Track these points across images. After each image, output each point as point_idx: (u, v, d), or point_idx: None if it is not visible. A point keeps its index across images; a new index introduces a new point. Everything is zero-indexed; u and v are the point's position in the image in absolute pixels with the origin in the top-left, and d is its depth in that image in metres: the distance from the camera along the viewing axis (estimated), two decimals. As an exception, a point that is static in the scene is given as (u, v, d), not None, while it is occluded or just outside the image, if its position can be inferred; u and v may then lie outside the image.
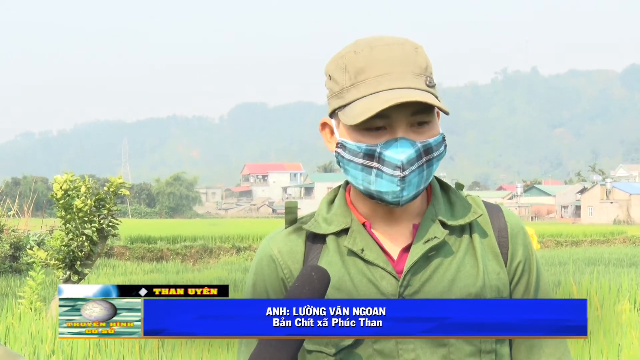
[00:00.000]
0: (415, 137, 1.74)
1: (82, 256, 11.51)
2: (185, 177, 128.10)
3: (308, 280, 1.63)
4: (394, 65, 1.74)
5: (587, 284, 12.40)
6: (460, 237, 1.82)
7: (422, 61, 1.77)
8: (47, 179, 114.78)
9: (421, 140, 1.74)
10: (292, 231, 1.85)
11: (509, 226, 1.86)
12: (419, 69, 1.76)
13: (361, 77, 1.75)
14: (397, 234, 1.82)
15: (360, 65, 1.76)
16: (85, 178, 11.81)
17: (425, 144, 1.74)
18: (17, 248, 23.15)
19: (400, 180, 1.72)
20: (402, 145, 1.72)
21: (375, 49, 1.76)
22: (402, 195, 1.74)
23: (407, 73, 1.74)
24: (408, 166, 1.72)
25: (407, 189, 1.74)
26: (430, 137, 1.76)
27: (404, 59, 1.75)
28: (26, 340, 8.54)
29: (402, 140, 1.73)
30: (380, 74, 1.74)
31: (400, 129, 1.74)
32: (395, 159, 1.72)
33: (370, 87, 1.74)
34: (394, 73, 1.74)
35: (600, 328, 8.79)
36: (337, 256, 1.80)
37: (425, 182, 1.77)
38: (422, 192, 1.85)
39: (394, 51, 1.76)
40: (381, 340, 1.74)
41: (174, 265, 28.57)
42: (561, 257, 29.14)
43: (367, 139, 1.75)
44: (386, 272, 1.77)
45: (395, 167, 1.72)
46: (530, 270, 1.85)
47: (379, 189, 1.75)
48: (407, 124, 1.74)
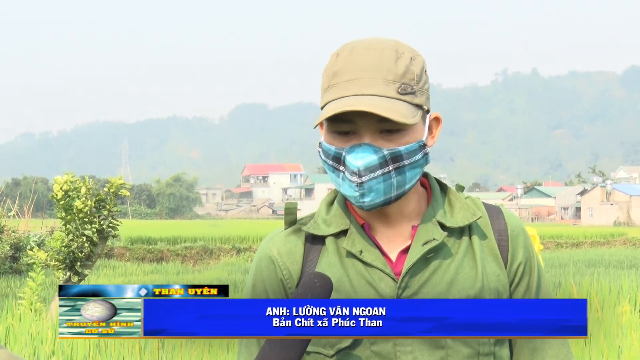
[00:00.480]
0: (383, 144, 1.73)
1: (83, 257, 11.51)
2: (186, 178, 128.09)
3: (311, 287, 1.63)
4: (365, 71, 1.74)
5: (587, 285, 12.40)
6: (460, 239, 1.82)
7: (400, 68, 1.74)
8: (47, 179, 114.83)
9: (389, 147, 1.73)
10: (292, 232, 1.85)
11: (509, 228, 1.85)
12: (392, 76, 1.73)
13: (334, 81, 1.76)
14: (395, 235, 1.82)
15: (336, 68, 1.76)
16: (85, 179, 11.81)
17: (393, 151, 1.72)
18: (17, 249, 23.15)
19: (357, 186, 1.73)
20: (363, 152, 1.72)
21: (353, 53, 1.76)
22: (362, 200, 1.74)
23: (377, 79, 1.73)
24: (366, 172, 1.71)
25: (368, 195, 1.73)
26: (402, 144, 1.74)
27: (378, 64, 1.74)
28: (26, 341, 8.54)
29: (365, 146, 1.72)
30: (350, 78, 1.74)
31: (366, 135, 1.73)
32: (352, 165, 1.72)
33: (339, 91, 1.74)
34: (364, 79, 1.73)
35: (601, 330, 8.79)
36: (336, 257, 1.80)
37: (397, 190, 1.75)
38: (420, 194, 1.85)
39: (370, 56, 1.75)
40: (379, 342, 1.74)
41: (174, 266, 28.56)
42: (561, 258, 29.13)
43: (337, 142, 1.76)
44: (384, 273, 1.77)
45: (352, 172, 1.72)
46: (531, 272, 1.85)
47: (345, 192, 1.77)
48: (375, 131, 1.73)
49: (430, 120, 1.83)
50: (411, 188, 1.79)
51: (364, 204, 1.75)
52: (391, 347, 1.74)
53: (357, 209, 1.84)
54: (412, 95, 1.75)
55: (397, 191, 1.75)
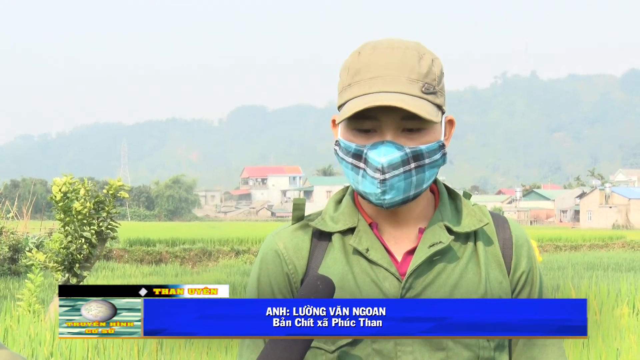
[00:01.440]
0: (405, 142, 1.74)
1: (81, 259, 11.50)
2: (185, 180, 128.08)
3: (313, 289, 1.63)
4: (389, 69, 1.74)
5: (585, 288, 12.41)
6: (465, 244, 1.83)
7: (423, 67, 1.76)
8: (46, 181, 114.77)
9: (411, 145, 1.74)
10: (299, 227, 1.86)
11: (514, 237, 1.86)
12: (416, 75, 1.75)
13: (357, 78, 1.76)
14: (402, 236, 1.83)
15: (358, 66, 1.77)
16: (84, 180, 11.81)
17: (414, 150, 1.73)
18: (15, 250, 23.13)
19: (380, 183, 1.73)
20: (387, 148, 1.72)
21: (376, 51, 1.77)
22: (383, 198, 1.74)
23: (401, 77, 1.74)
24: (389, 170, 1.72)
25: (390, 192, 1.74)
26: (422, 143, 1.75)
27: (401, 63, 1.75)
28: (25, 342, 8.54)
29: (388, 143, 1.73)
30: (374, 76, 1.74)
31: (389, 133, 1.74)
32: (376, 161, 1.72)
33: (362, 88, 1.74)
34: (388, 76, 1.74)
35: (599, 332, 8.79)
36: (341, 254, 1.81)
37: (415, 188, 1.76)
38: (428, 197, 1.86)
39: (393, 55, 1.76)
40: (380, 341, 1.74)
41: (173, 268, 28.55)
42: (560, 261, 29.13)
43: (358, 139, 1.76)
44: (389, 273, 1.77)
45: (376, 169, 1.72)
46: (533, 282, 1.86)
47: (364, 189, 1.76)
48: (397, 129, 1.74)
49: (445, 122, 1.84)
50: (428, 187, 1.80)
51: (384, 202, 1.75)
52: (392, 347, 1.74)
53: (366, 207, 1.85)
54: (434, 96, 1.76)
55: (416, 190, 1.76)
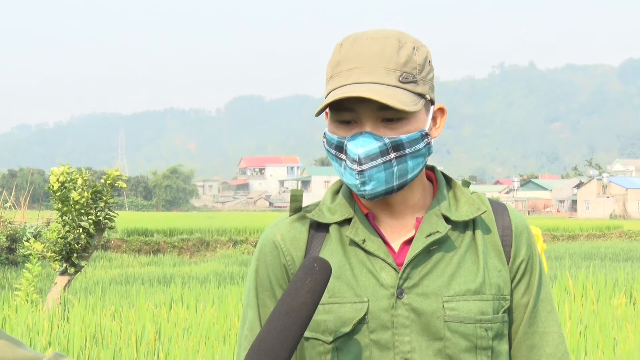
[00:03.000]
0: (385, 132, 1.73)
1: (79, 248, 11.50)
2: (182, 170, 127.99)
3: (310, 271, 1.63)
4: (366, 60, 1.73)
5: (583, 278, 12.42)
6: (463, 233, 1.82)
7: (402, 56, 1.74)
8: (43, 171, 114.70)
9: (391, 136, 1.73)
10: (296, 219, 1.85)
11: (513, 225, 1.85)
12: (394, 64, 1.73)
13: (336, 70, 1.76)
14: (399, 226, 1.82)
15: (339, 58, 1.76)
16: (82, 170, 11.79)
17: (394, 140, 1.72)
18: (13, 240, 23.11)
19: (358, 174, 1.72)
20: (364, 140, 1.71)
21: (356, 43, 1.76)
22: (364, 189, 1.74)
23: (378, 67, 1.72)
24: (367, 161, 1.71)
25: (369, 183, 1.73)
26: (403, 133, 1.73)
27: (380, 53, 1.74)
28: (22, 332, 8.54)
29: (366, 134, 1.71)
30: (351, 67, 1.73)
31: (367, 124, 1.73)
32: (353, 153, 1.71)
33: (341, 80, 1.74)
34: (365, 67, 1.72)
35: (596, 322, 8.81)
36: (338, 245, 1.80)
37: (399, 179, 1.75)
38: (425, 186, 1.85)
39: (372, 45, 1.74)
40: (378, 330, 1.74)
41: (171, 258, 28.55)
42: (557, 251, 29.17)
43: (340, 131, 1.76)
44: (386, 263, 1.77)
45: (353, 160, 1.72)
46: (532, 270, 1.85)
47: (347, 181, 1.76)
48: (376, 119, 1.73)
49: (434, 111, 1.82)
50: (414, 178, 1.78)
51: (365, 193, 1.74)
52: (390, 336, 1.74)
53: (362, 198, 1.84)
54: (414, 84, 1.74)
55: (399, 180, 1.75)
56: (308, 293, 1.60)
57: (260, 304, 1.84)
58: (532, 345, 1.84)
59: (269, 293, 1.83)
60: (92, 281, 18.75)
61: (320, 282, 1.63)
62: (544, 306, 1.86)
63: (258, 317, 1.84)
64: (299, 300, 1.60)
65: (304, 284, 1.61)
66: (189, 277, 19.89)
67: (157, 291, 15.56)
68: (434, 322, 1.73)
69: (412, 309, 1.74)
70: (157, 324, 9.04)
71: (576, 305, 10.07)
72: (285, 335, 1.58)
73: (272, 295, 1.83)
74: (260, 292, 1.84)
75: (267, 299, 1.83)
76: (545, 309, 1.86)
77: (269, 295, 1.83)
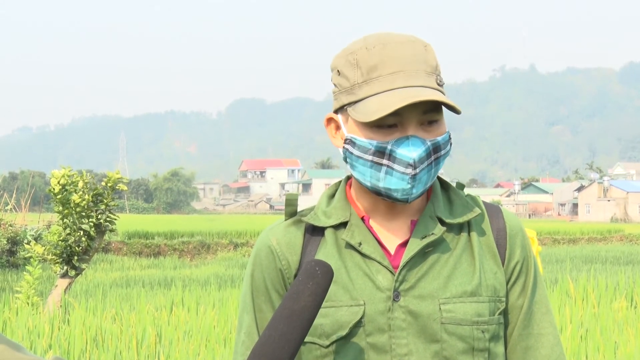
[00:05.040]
0: (424, 135, 1.75)
1: (80, 251, 11.50)
2: (183, 173, 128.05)
3: (312, 275, 1.63)
4: (407, 63, 1.74)
5: (584, 281, 12.41)
6: (458, 235, 1.82)
7: (432, 60, 1.77)
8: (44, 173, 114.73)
9: (430, 138, 1.75)
10: (292, 223, 1.86)
11: (507, 227, 1.86)
12: (430, 68, 1.76)
13: (374, 74, 1.75)
14: (395, 229, 1.83)
15: (373, 62, 1.75)
16: (83, 173, 11.80)
17: (434, 142, 1.75)
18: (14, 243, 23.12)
19: (411, 178, 1.73)
20: (414, 144, 1.73)
21: (387, 46, 1.76)
22: (411, 192, 1.75)
23: (420, 71, 1.75)
24: (419, 164, 1.73)
25: (417, 186, 1.75)
26: (438, 135, 1.76)
27: (416, 57, 1.76)
28: (23, 334, 8.54)
29: (413, 138, 1.73)
30: (394, 71, 1.74)
31: (411, 127, 1.74)
32: (407, 157, 1.72)
33: (384, 84, 1.74)
34: (408, 71, 1.74)
35: (597, 325, 8.80)
36: (334, 249, 1.81)
37: (432, 180, 1.78)
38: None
39: (406, 49, 1.76)
40: (375, 334, 1.74)
41: (172, 261, 28.55)
42: (558, 254, 29.15)
43: (378, 136, 1.75)
44: (382, 266, 1.77)
45: (407, 165, 1.72)
46: (527, 271, 1.85)
47: (389, 186, 1.75)
48: (418, 122, 1.75)
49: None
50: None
51: (411, 196, 1.76)
52: (386, 339, 1.74)
53: (358, 201, 1.85)
54: (443, 87, 1.79)
55: (431, 181, 1.79)
56: (310, 297, 1.60)
57: (257, 309, 1.84)
58: (527, 347, 1.84)
59: (265, 298, 1.83)
60: (92, 284, 18.76)
61: (322, 286, 1.63)
62: (539, 308, 1.86)
63: (255, 322, 1.84)
64: (301, 304, 1.60)
65: (305, 288, 1.61)
66: (190, 280, 19.89)
67: (158, 294, 15.56)
68: (431, 325, 1.74)
69: (408, 311, 1.74)
70: (157, 326, 9.04)
71: (577, 309, 10.06)
72: (287, 340, 1.58)
73: (268, 300, 1.83)
74: (256, 297, 1.84)
75: (263, 303, 1.83)
76: (540, 310, 1.86)
77: (264, 300, 1.83)
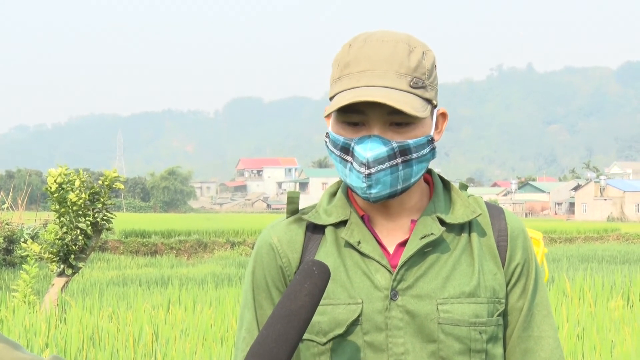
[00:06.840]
0: (392, 137, 1.73)
1: (76, 250, 11.49)
2: (180, 172, 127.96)
3: (309, 274, 1.63)
4: (378, 63, 1.73)
5: (580, 280, 12.41)
6: (459, 236, 1.82)
7: (412, 61, 1.74)
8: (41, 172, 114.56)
9: (398, 140, 1.73)
10: (293, 221, 1.86)
11: (509, 228, 1.85)
12: (405, 69, 1.73)
13: (346, 71, 1.75)
14: (395, 228, 1.82)
15: (348, 59, 1.76)
16: (79, 172, 11.78)
17: (402, 144, 1.72)
18: (11, 241, 23.09)
19: (365, 177, 1.72)
20: (373, 143, 1.71)
21: (366, 44, 1.76)
22: (369, 192, 1.74)
23: (390, 72, 1.72)
24: (375, 164, 1.71)
25: (375, 186, 1.73)
26: (410, 137, 1.74)
27: (391, 57, 1.73)
28: (20, 333, 8.53)
29: (374, 138, 1.72)
30: (362, 69, 1.73)
31: (376, 127, 1.73)
32: (361, 156, 1.71)
33: (351, 82, 1.73)
34: (377, 70, 1.72)
35: (594, 324, 8.81)
36: (334, 247, 1.81)
37: (403, 183, 1.75)
38: (422, 189, 1.85)
39: (383, 48, 1.74)
40: (372, 332, 1.74)
41: (168, 260, 28.52)
42: (555, 253, 29.17)
43: (346, 132, 1.75)
44: (381, 265, 1.77)
45: (361, 163, 1.72)
46: (528, 274, 1.84)
47: (351, 183, 1.76)
48: (385, 123, 1.73)
49: (437, 116, 1.83)
50: (416, 182, 1.79)
51: (370, 196, 1.75)
52: (383, 338, 1.74)
53: (358, 200, 1.84)
54: (423, 90, 1.75)
55: (403, 184, 1.76)
56: (307, 296, 1.61)
57: (257, 306, 1.85)
58: (526, 349, 1.83)
59: (266, 295, 1.84)
60: (89, 282, 18.74)
61: (319, 286, 1.63)
62: (540, 310, 1.85)
63: (255, 319, 1.84)
64: (298, 304, 1.60)
65: (302, 288, 1.62)
66: (187, 279, 19.88)
67: (155, 293, 15.55)
68: (428, 324, 1.73)
69: (406, 310, 1.74)
70: (154, 325, 9.03)
71: (573, 308, 10.07)
72: (284, 339, 1.58)
73: (268, 297, 1.83)
74: (257, 294, 1.85)
75: (264, 300, 1.84)
76: (540, 313, 1.85)
77: (265, 297, 1.84)
